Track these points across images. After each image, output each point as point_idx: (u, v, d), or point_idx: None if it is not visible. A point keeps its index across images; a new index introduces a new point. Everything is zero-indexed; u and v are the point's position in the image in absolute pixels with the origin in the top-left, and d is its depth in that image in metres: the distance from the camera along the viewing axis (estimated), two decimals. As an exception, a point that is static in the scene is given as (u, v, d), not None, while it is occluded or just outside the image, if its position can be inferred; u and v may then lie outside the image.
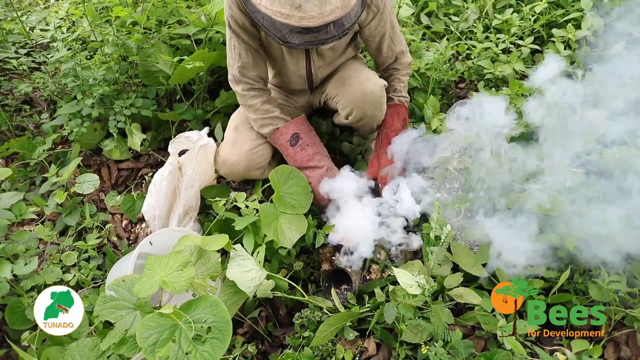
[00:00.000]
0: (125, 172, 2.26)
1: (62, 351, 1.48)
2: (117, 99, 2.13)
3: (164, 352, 1.10)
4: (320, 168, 1.71)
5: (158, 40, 2.18)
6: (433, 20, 2.68)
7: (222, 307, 1.19)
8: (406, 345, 1.49)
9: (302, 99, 1.91)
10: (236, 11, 1.54)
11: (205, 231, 1.80)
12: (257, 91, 1.70)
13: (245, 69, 1.65)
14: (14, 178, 2.15)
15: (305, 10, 1.24)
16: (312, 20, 1.25)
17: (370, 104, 1.68)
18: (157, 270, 1.23)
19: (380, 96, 1.70)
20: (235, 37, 1.60)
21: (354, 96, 1.67)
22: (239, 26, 1.57)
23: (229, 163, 1.78)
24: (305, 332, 1.54)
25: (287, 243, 1.55)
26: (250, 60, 1.64)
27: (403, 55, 1.80)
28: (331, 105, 1.83)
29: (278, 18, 1.26)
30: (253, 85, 1.69)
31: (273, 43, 1.64)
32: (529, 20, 2.29)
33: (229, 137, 1.84)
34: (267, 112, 1.71)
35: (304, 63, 1.70)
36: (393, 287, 1.50)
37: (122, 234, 2.00)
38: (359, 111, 1.69)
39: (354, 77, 1.70)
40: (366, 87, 1.67)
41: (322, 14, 1.25)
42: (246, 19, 1.55)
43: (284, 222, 1.60)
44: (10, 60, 2.46)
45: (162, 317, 1.16)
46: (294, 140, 1.71)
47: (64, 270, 1.77)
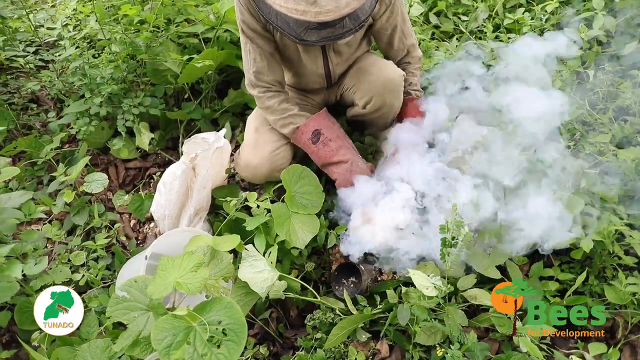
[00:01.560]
0: (132, 171, 2.25)
1: (72, 351, 1.47)
2: (126, 98, 2.12)
3: (179, 355, 1.08)
4: (345, 162, 1.68)
5: (166, 39, 2.16)
6: (442, 19, 2.66)
7: (236, 309, 1.17)
8: (420, 347, 1.48)
9: (318, 96, 1.89)
10: (248, 16, 1.52)
11: (215, 231, 1.79)
12: (273, 92, 1.68)
13: (261, 73, 1.64)
14: (22, 177, 2.14)
15: (320, 5, 1.23)
16: (328, 15, 1.24)
17: (390, 92, 1.67)
18: (171, 271, 1.22)
19: (399, 84, 1.69)
20: (250, 42, 1.59)
21: (375, 84, 1.66)
22: (252, 31, 1.56)
23: (252, 166, 1.75)
24: (317, 333, 1.52)
25: (300, 243, 1.54)
26: (265, 64, 1.62)
27: (414, 49, 1.78)
28: (347, 97, 1.81)
29: (294, 15, 1.25)
30: (269, 88, 1.68)
31: (289, 45, 1.63)
32: (541, 20, 2.27)
33: (249, 139, 1.81)
34: (285, 111, 1.70)
35: (321, 61, 1.69)
36: (406, 288, 1.49)
37: (131, 233, 1.99)
38: (379, 99, 1.67)
39: (374, 66, 1.69)
40: (387, 74, 1.66)
41: (338, 8, 1.24)
42: (258, 23, 1.54)
43: (297, 222, 1.58)
44: (17, 58, 2.44)
45: (176, 319, 1.14)
46: (315, 137, 1.68)
47: (72, 270, 1.75)
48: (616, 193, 1.56)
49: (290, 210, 1.60)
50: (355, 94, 1.74)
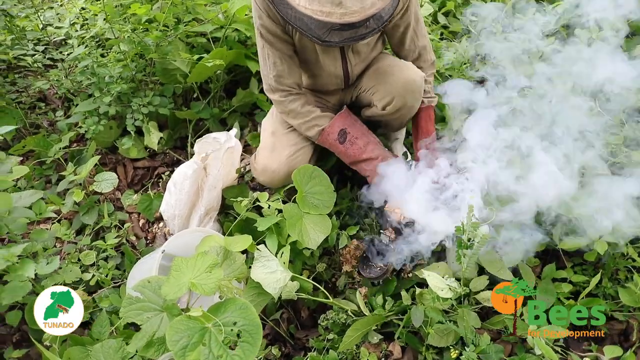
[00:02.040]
0: (141, 170, 2.24)
1: (83, 351, 1.46)
2: (135, 97, 2.12)
3: (194, 356, 1.08)
4: (375, 159, 1.68)
5: (175, 38, 2.16)
6: (450, 19, 2.65)
7: (251, 310, 1.17)
8: (432, 349, 1.47)
9: (334, 98, 1.88)
10: (267, 20, 1.51)
11: (225, 231, 1.78)
12: (294, 96, 1.67)
13: (281, 77, 1.62)
14: (30, 176, 2.14)
15: (346, 6, 1.22)
16: (354, 16, 1.23)
17: (411, 93, 1.65)
18: (185, 272, 1.21)
19: (421, 86, 1.68)
20: (268, 46, 1.57)
21: (396, 85, 1.65)
22: (271, 35, 1.54)
23: (271, 171, 1.73)
24: (329, 334, 1.52)
25: (312, 244, 1.53)
26: (285, 67, 1.60)
27: (426, 52, 1.76)
28: (365, 98, 1.79)
29: (319, 17, 1.24)
30: (290, 91, 1.66)
31: (307, 46, 1.61)
32: (552, 21, 2.26)
33: (266, 143, 1.79)
34: (309, 113, 1.68)
35: (340, 62, 1.68)
36: (420, 289, 1.48)
37: (140, 233, 1.98)
38: (400, 100, 1.66)
39: (395, 66, 1.68)
40: (408, 75, 1.65)
41: (363, 8, 1.23)
42: (278, 26, 1.52)
43: (308, 223, 1.58)
44: (25, 57, 2.44)
45: (191, 320, 1.14)
46: (342, 137, 1.68)
47: (82, 269, 1.75)
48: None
49: (302, 211, 1.59)
50: (374, 95, 1.72)
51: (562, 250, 1.59)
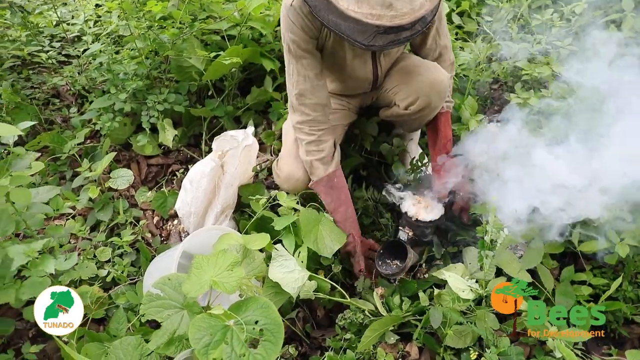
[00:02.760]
0: (155, 167, 2.24)
1: (100, 347, 1.46)
2: (150, 94, 2.11)
3: (217, 354, 1.07)
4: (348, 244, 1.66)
5: (191, 36, 2.15)
6: (465, 20, 2.64)
7: (273, 309, 1.16)
8: (450, 350, 1.46)
9: (356, 100, 1.87)
10: (299, 33, 1.49)
11: (241, 229, 1.78)
12: (308, 130, 1.63)
13: (303, 96, 1.59)
14: (44, 172, 2.14)
15: (396, 9, 1.21)
16: (404, 18, 1.22)
17: (437, 93, 1.63)
18: (206, 270, 1.21)
19: (447, 87, 1.66)
20: (296, 63, 1.55)
21: (422, 84, 1.63)
22: (301, 49, 1.52)
23: (295, 179, 1.71)
24: (346, 334, 1.51)
25: (327, 252, 1.55)
26: (308, 86, 1.57)
27: (447, 51, 1.75)
28: (386, 98, 1.78)
29: (369, 20, 1.22)
30: (309, 116, 1.61)
31: (338, 53, 1.60)
32: (570, 21, 2.25)
33: (289, 150, 1.76)
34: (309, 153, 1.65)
35: (370, 66, 1.66)
36: (438, 290, 1.47)
37: (155, 230, 1.98)
38: (424, 100, 1.63)
39: (421, 66, 1.66)
40: (436, 76, 1.63)
41: (412, 10, 1.23)
42: (310, 40, 1.51)
43: (324, 230, 1.58)
44: (39, 54, 2.44)
45: (213, 318, 1.13)
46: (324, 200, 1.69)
47: (97, 266, 1.75)
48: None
49: (320, 216, 1.60)
50: (396, 95, 1.70)
51: (581, 253, 1.58)
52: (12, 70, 2.54)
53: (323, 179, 1.64)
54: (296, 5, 1.46)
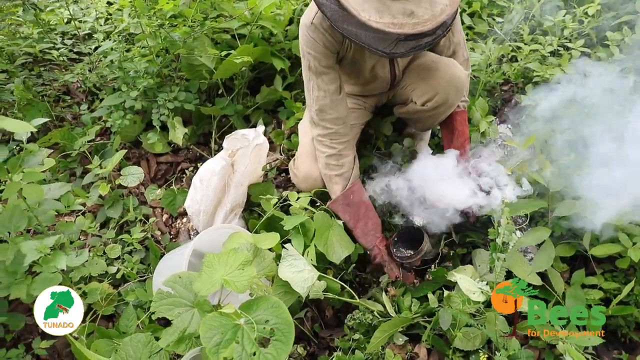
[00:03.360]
0: (164, 165, 2.25)
1: (109, 344, 1.47)
2: (160, 92, 2.12)
3: (228, 353, 1.07)
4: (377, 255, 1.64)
5: (202, 34, 2.16)
6: (476, 20, 2.63)
7: (283, 308, 1.17)
8: (459, 352, 1.46)
9: (373, 99, 1.87)
10: (320, 49, 1.49)
11: (250, 228, 1.78)
12: (329, 143, 1.63)
13: (323, 111, 1.59)
14: (55, 169, 2.15)
15: (417, 16, 1.21)
16: (426, 24, 1.23)
17: (455, 90, 1.62)
18: (217, 269, 1.21)
19: (465, 83, 1.66)
20: (315, 79, 1.55)
21: (441, 81, 1.61)
22: (321, 66, 1.53)
23: (313, 179, 1.71)
24: (354, 334, 1.51)
25: (336, 258, 1.56)
26: (328, 102, 1.58)
27: (460, 48, 1.74)
28: (402, 95, 1.77)
29: (391, 29, 1.22)
30: (330, 129, 1.62)
31: (359, 61, 1.60)
32: (583, 23, 2.23)
33: (306, 150, 1.75)
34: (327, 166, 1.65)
35: (388, 67, 1.67)
36: (448, 292, 1.47)
37: (164, 228, 1.99)
38: (442, 97, 1.62)
39: (440, 62, 1.64)
40: (454, 72, 1.62)
41: (434, 16, 1.23)
42: (331, 55, 1.52)
43: (335, 236, 1.59)
44: (51, 51, 2.46)
45: (224, 317, 1.14)
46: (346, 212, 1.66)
47: (107, 262, 1.76)
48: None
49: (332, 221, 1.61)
50: (413, 92, 1.69)
51: (592, 256, 1.57)
52: (24, 67, 2.56)
53: (339, 199, 1.64)
54: (317, 23, 1.46)
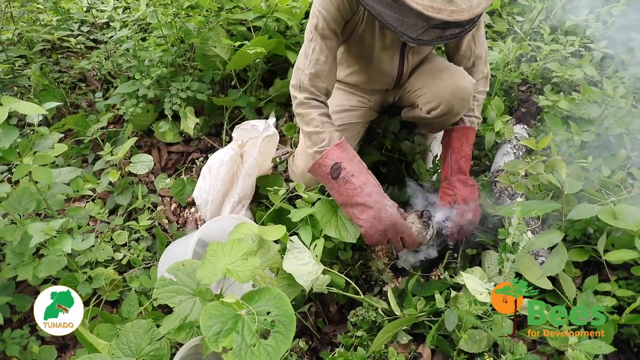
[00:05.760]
0: (175, 155, 2.26)
1: (112, 329, 1.48)
2: (174, 81, 2.12)
3: (227, 343, 1.06)
4: (371, 208, 1.45)
5: (217, 25, 2.15)
6: (495, 19, 2.58)
7: (285, 301, 1.15)
8: (464, 354, 1.43)
9: (377, 97, 1.83)
10: (334, 13, 1.46)
11: (257, 220, 1.77)
12: (319, 102, 1.57)
13: (318, 77, 1.54)
14: (68, 154, 2.17)
15: (456, 4, 1.20)
16: (462, 14, 1.21)
17: (459, 101, 1.59)
18: (220, 258, 1.20)
19: (471, 94, 1.61)
20: (319, 42, 1.50)
21: (445, 91, 1.58)
22: (329, 29, 1.49)
23: (310, 176, 1.66)
24: (357, 331, 1.49)
25: (351, 237, 1.51)
26: (326, 69, 1.53)
27: (481, 61, 1.70)
28: (408, 99, 1.74)
29: (429, 13, 1.20)
30: (317, 97, 1.57)
31: (366, 42, 1.57)
32: (606, 23, 2.17)
33: (305, 146, 1.70)
34: (324, 124, 1.54)
35: (397, 62, 1.63)
36: (455, 292, 1.44)
37: (172, 217, 1.99)
38: (446, 106, 1.58)
39: (445, 71, 1.61)
40: (459, 82, 1.58)
41: (471, 7, 1.21)
42: (341, 22, 1.49)
43: (343, 217, 1.55)
44: (69, 38, 2.48)
45: (225, 307, 1.12)
46: (335, 171, 1.48)
47: (114, 248, 1.76)
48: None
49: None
50: (419, 98, 1.65)
51: (606, 262, 1.52)
52: (42, 54, 2.59)
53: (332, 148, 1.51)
54: None
